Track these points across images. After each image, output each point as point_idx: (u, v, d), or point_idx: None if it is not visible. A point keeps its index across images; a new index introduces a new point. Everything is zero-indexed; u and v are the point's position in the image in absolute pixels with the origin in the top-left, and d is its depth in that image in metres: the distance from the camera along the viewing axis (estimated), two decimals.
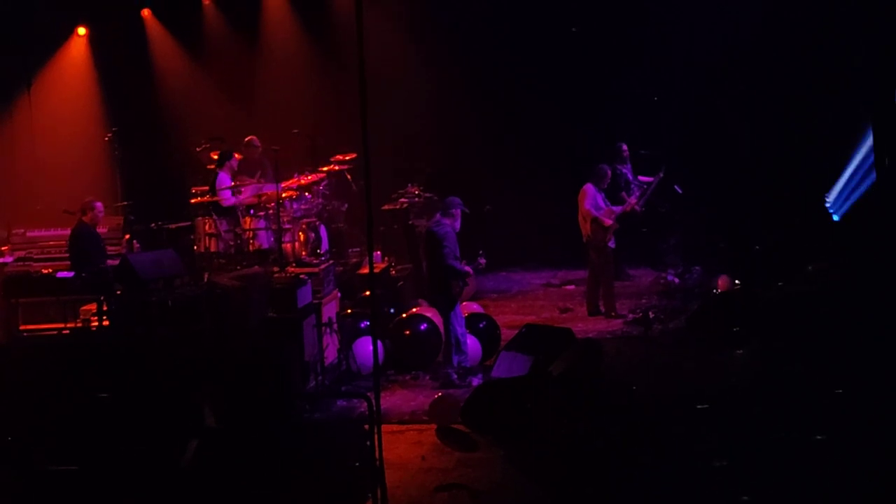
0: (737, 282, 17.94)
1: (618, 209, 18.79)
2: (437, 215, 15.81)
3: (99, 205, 17.32)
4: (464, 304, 16.30)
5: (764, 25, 20.27)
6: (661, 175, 19.83)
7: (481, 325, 16.33)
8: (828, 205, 19.73)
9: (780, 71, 20.40)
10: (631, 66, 21.77)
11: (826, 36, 19.71)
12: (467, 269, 15.61)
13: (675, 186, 20.04)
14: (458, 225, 15.52)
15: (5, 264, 18.36)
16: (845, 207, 19.31)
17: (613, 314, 18.46)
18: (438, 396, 13.45)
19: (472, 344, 15.80)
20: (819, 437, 10.76)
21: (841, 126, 19.38)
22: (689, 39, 20.95)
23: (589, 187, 18.65)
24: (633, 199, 19.17)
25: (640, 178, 20.42)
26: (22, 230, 18.84)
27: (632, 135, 20.94)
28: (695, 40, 20.83)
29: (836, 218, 19.38)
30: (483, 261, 15.76)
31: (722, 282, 18.11)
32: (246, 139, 19.44)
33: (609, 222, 18.49)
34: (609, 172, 18.92)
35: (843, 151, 19.36)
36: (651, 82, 21.64)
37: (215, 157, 18.50)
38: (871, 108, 16.78)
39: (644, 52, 21.67)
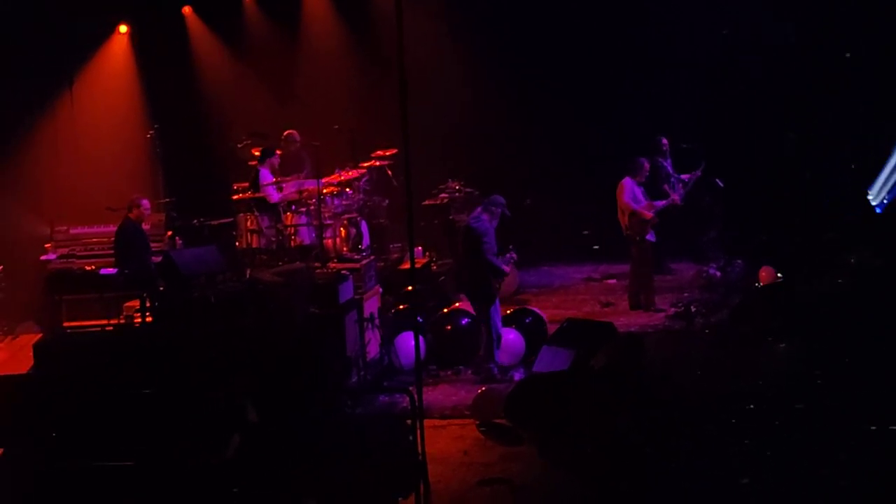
0: (779, 275, 17.84)
1: (659, 204, 18.73)
2: (478, 210, 15.80)
3: (145, 202, 17.44)
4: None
5: (804, 17, 20.15)
6: (701, 171, 19.79)
7: (527, 321, 16.30)
8: (870, 197, 19.62)
9: (823, 62, 20.27)
10: (672, 61, 21.67)
11: (868, 27, 19.61)
12: (506, 267, 15.63)
13: (716, 180, 19.95)
14: (496, 223, 15.54)
15: (49, 261, 18.52)
16: (887, 200, 19.19)
17: (652, 308, 18.42)
18: (481, 391, 13.46)
19: (514, 339, 15.80)
20: (870, 429, 10.70)
21: (883, 118, 19.27)
22: (733, 33, 20.89)
23: (627, 181, 18.59)
24: (675, 196, 19.11)
25: (682, 175, 20.31)
26: (65, 227, 18.99)
27: (673, 128, 20.86)
28: (740, 33, 20.78)
29: (878, 210, 19.27)
30: (514, 255, 15.72)
31: (764, 274, 18.03)
32: (285, 134, 19.49)
33: (650, 215, 18.43)
34: (647, 165, 18.86)
35: (885, 144, 19.25)
36: (693, 75, 21.51)
37: (257, 153, 18.55)
38: None
39: (683, 46, 21.54)
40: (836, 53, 20.10)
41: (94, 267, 17.67)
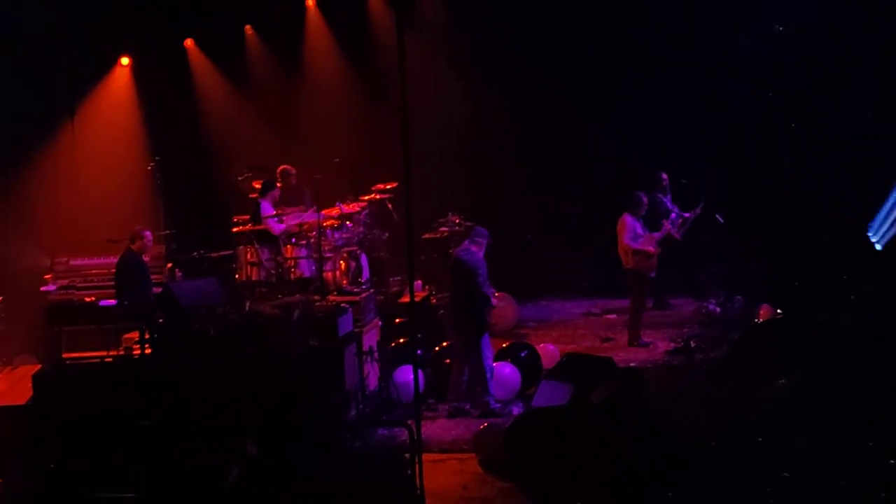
0: (779, 311, 17.84)
1: (657, 235, 18.78)
2: (466, 243, 15.90)
3: (148, 234, 17.44)
4: None
5: (805, 49, 20.18)
6: (700, 209, 19.87)
7: (522, 355, 16.33)
8: (870, 233, 19.60)
9: (822, 97, 20.28)
10: (683, 92, 21.71)
11: (868, 61, 19.64)
12: (494, 300, 15.72)
13: (717, 216, 20.00)
14: (482, 254, 15.63)
15: (49, 293, 18.49)
16: (888, 236, 19.18)
17: (636, 343, 18.45)
18: (483, 427, 13.42)
19: (510, 373, 15.80)
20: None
21: (884, 153, 19.28)
22: (733, 64, 20.93)
23: (627, 218, 18.60)
24: (667, 224, 19.20)
25: (684, 213, 20.35)
26: (65, 259, 18.97)
27: (675, 164, 20.90)
28: (739, 65, 20.82)
29: (878, 247, 19.25)
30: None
31: (764, 311, 18.03)
32: (280, 168, 19.40)
33: (653, 250, 18.47)
34: (645, 200, 18.86)
35: (886, 179, 19.25)
36: (696, 106, 21.53)
37: (257, 186, 18.59)
38: None
39: (691, 77, 21.58)
40: (837, 83, 20.09)
41: (93, 298, 17.65)
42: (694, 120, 21.37)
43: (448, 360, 15.97)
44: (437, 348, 16.32)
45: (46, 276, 18.85)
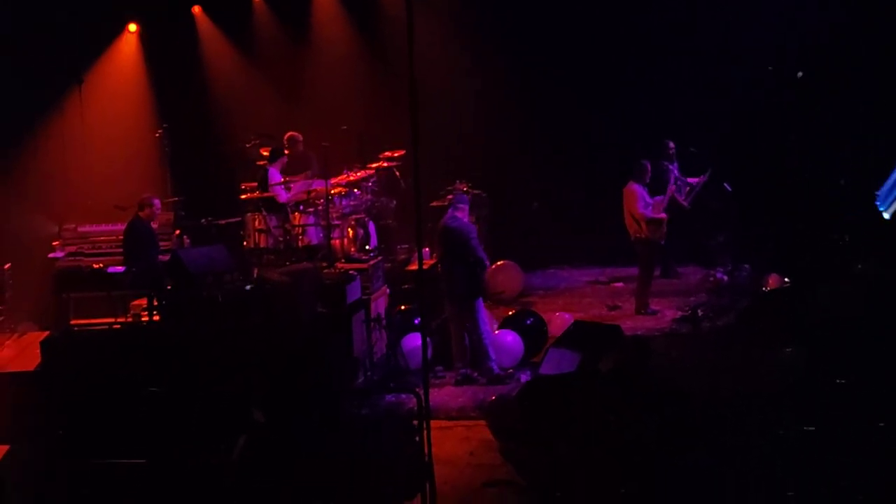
0: (786, 280, 17.84)
1: (660, 199, 18.75)
2: (450, 212, 15.89)
3: (157, 201, 17.46)
4: None
5: (813, 20, 20.13)
6: (707, 176, 19.85)
7: (528, 322, 16.35)
8: (877, 202, 19.58)
9: (830, 66, 20.24)
10: (682, 65, 21.66)
11: (874, 30, 19.60)
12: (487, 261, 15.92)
13: (725, 184, 19.97)
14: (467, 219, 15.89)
15: (57, 259, 18.50)
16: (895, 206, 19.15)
17: (643, 311, 18.47)
18: (495, 397, 13.40)
19: (513, 341, 15.83)
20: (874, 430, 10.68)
21: (891, 122, 19.24)
22: (740, 34, 20.87)
23: (634, 186, 18.53)
24: (671, 188, 19.21)
25: (688, 179, 20.35)
26: (73, 225, 18.97)
27: (682, 132, 20.85)
28: (746, 35, 20.76)
29: (886, 215, 19.22)
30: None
31: (772, 280, 18.03)
32: (287, 135, 19.24)
33: (664, 216, 18.45)
34: (649, 167, 18.80)
35: (894, 148, 19.21)
36: (701, 79, 21.49)
37: (265, 153, 18.58)
38: None
39: (695, 51, 21.52)
40: (845, 51, 20.05)
41: (101, 265, 17.64)
42: (697, 105, 21.33)
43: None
44: (444, 315, 16.32)
45: (54, 243, 18.85)
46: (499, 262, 19.63)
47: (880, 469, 10.03)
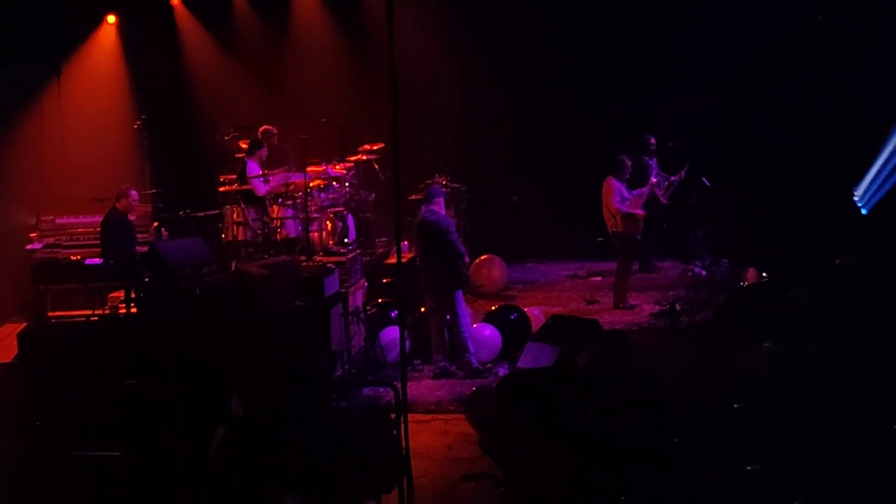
0: (764, 275, 17.87)
1: (641, 191, 18.78)
2: (424, 207, 15.84)
3: (134, 193, 17.41)
4: None
5: (795, 19, 20.17)
6: (685, 172, 19.96)
7: (512, 317, 16.34)
8: (856, 198, 19.64)
9: (810, 63, 20.29)
10: (660, 59, 21.70)
11: (855, 29, 19.65)
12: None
13: (703, 179, 20.01)
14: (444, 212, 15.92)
15: (34, 251, 18.44)
16: (874, 201, 19.22)
17: (622, 305, 18.47)
18: (475, 389, 13.39)
19: (491, 335, 15.83)
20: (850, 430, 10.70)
21: (870, 119, 19.29)
22: (720, 34, 20.88)
23: (612, 181, 18.53)
24: (652, 180, 19.26)
25: (671, 177, 20.40)
26: (51, 217, 18.93)
27: (661, 128, 20.90)
28: (725, 34, 20.76)
29: (864, 211, 19.29)
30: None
31: (750, 274, 18.06)
32: (262, 129, 19.21)
33: (641, 213, 18.46)
34: (629, 162, 18.81)
35: (873, 145, 19.27)
36: (680, 75, 21.52)
37: (244, 145, 18.56)
38: None
39: (674, 46, 21.55)
40: (825, 49, 20.10)
41: (79, 257, 17.58)
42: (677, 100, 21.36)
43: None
44: (422, 309, 16.30)
45: (32, 235, 18.80)
46: (483, 257, 19.67)
47: (859, 465, 10.06)
